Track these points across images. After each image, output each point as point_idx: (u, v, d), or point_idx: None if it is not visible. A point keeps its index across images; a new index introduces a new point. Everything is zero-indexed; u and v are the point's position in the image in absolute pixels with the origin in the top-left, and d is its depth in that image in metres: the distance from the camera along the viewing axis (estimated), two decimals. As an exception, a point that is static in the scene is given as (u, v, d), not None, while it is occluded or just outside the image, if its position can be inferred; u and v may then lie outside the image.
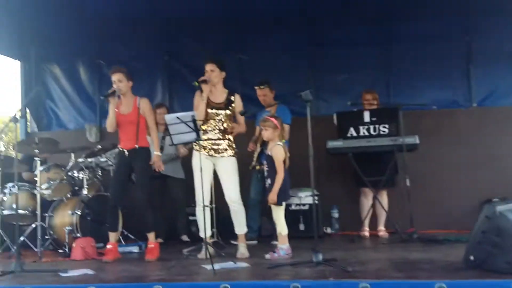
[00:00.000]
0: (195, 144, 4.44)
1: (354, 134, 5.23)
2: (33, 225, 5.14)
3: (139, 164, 4.57)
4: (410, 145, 5.04)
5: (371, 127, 5.19)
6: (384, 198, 5.43)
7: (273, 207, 4.28)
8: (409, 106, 5.36)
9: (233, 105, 4.53)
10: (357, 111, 5.48)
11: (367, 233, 5.45)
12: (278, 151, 4.26)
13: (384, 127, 5.16)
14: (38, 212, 5.08)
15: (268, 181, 4.36)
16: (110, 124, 4.62)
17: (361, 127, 5.20)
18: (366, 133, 5.19)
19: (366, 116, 5.23)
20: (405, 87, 6.35)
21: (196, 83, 4.44)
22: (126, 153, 4.58)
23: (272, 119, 4.42)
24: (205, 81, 4.44)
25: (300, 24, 6.62)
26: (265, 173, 4.46)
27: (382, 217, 5.44)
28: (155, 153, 4.70)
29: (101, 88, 7.11)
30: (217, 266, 3.60)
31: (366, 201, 5.46)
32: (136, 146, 4.57)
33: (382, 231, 5.47)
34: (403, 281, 2.94)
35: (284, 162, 4.29)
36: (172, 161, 5.80)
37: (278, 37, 6.71)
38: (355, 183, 5.55)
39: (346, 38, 6.50)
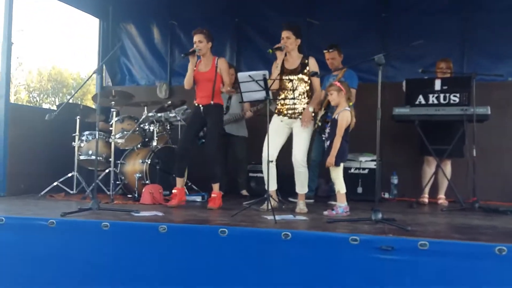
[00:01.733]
0: (275, 107, 4.57)
1: (423, 101, 5.12)
2: (107, 171, 5.53)
3: (212, 119, 4.79)
4: (481, 116, 4.89)
5: (441, 95, 5.07)
6: (448, 167, 5.35)
7: (331, 167, 4.35)
8: (484, 76, 5.19)
9: (307, 68, 4.59)
10: (428, 78, 5.36)
11: (426, 200, 5.42)
12: (344, 116, 4.29)
13: (455, 95, 5.02)
14: (112, 159, 5.46)
15: (327, 143, 4.42)
16: (187, 81, 4.85)
17: (430, 95, 5.09)
18: (436, 101, 5.08)
19: (437, 84, 5.10)
20: (480, 57, 6.14)
21: (271, 51, 4.52)
22: (201, 108, 4.80)
23: (336, 82, 4.44)
24: (279, 48, 4.51)
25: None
26: (326, 135, 4.52)
27: (444, 185, 5.37)
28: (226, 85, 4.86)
29: (173, 47, 7.41)
30: (277, 217, 3.75)
31: (429, 170, 5.41)
32: (212, 102, 4.77)
33: (442, 199, 5.42)
34: (463, 242, 2.95)
35: (348, 126, 4.32)
36: (237, 121, 5.97)
37: (350, 2, 6.63)
38: (419, 151, 5.49)
39: (421, 4, 6.31)
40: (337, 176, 4.32)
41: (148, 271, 3.38)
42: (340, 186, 4.29)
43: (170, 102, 5.86)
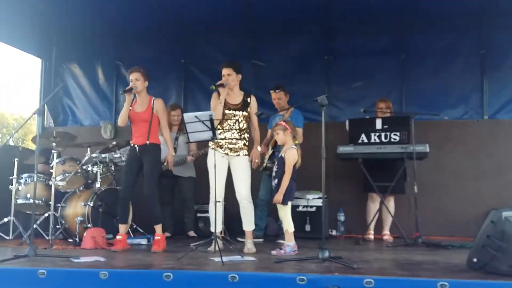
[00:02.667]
0: (211, 143, 4.55)
1: (365, 140, 5.30)
2: (46, 214, 5.26)
3: (149, 159, 4.71)
4: (420, 153, 5.10)
5: (382, 134, 5.27)
6: (391, 203, 5.51)
7: (279, 206, 4.37)
8: (421, 115, 5.47)
9: (250, 106, 4.67)
10: (369, 118, 5.57)
11: (372, 236, 5.51)
12: (291, 154, 4.36)
13: (395, 134, 5.23)
14: (52, 202, 5.21)
15: (275, 181, 4.46)
16: (122, 118, 4.79)
17: (372, 134, 5.28)
18: (377, 140, 5.27)
19: (378, 124, 5.31)
20: (418, 97, 6.47)
21: (214, 87, 4.58)
22: (137, 148, 4.72)
23: (281, 122, 4.54)
24: (222, 85, 4.58)
25: (316, 32, 6.77)
26: (273, 174, 4.55)
27: (388, 221, 5.51)
28: (170, 153, 4.91)
29: (118, 87, 7.31)
30: (225, 258, 3.68)
31: (373, 206, 5.53)
32: (147, 142, 4.72)
33: (387, 235, 5.53)
34: (407, 278, 2.99)
35: (295, 165, 4.37)
36: (183, 163, 5.90)
37: (294, 44, 6.89)
38: (363, 188, 5.63)
39: (362, 47, 6.67)
40: (285, 214, 4.33)
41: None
42: (288, 225, 4.30)
43: (115, 142, 5.72)
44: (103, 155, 5.69)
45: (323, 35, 6.83)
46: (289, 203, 4.37)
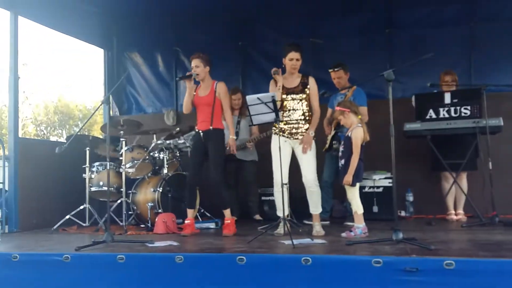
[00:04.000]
0: (274, 127, 4.52)
1: (434, 116, 5.08)
2: (118, 201, 5.49)
3: (213, 145, 4.74)
4: (494, 127, 4.84)
5: (452, 108, 5.02)
6: (464, 181, 5.28)
7: (347, 187, 4.28)
8: (493, 87, 5.14)
9: (308, 87, 4.57)
10: (437, 92, 5.34)
11: (453, 216, 5.33)
12: (357, 133, 4.24)
13: (465, 108, 4.97)
14: (123, 189, 5.42)
15: (342, 162, 4.36)
16: (186, 105, 4.84)
17: (441, 109, 5.05)
18: (447, 115, 5.03)
19: (447, 98, 5.07)
20: (487, 68, 6.13)
21: (273, 75, 4.51)
22: (201, 134, 4.76)
23: (337, 107, 4.44)
24: (276, 72, 4.51)
25: (375, 5, 6.52)
26: (340, 153, 4.46)
27: (462, 200, 5.28)
28: (230, 137, 4.89)
29: (178, 73, 7.42)
30: (295, 241, 3.67)
31: (447, 185, 5.31)
32: (211, 127, 4.73)
33: (461, 214, 5.33)
34: (491, 260, 2.86)
35: (363, 143, 4.26)
36: (245, 148, 5.92)
37: (353, 20, 6.69)
38: (432, 166, 5.42)
39: (425, 18, 6.36)
40: (354, 196, 4.25)
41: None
42: (357, 207, 4.22)
43: (178, 128, 5.84)
44: (167, 142, 5.82)
45: (383, 8, 6.57)
46: (357, 184, 4.28)
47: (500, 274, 2.77)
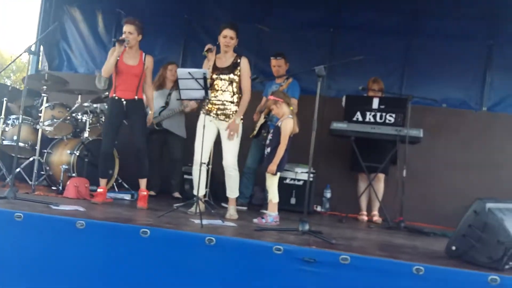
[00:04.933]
0: (202, 106, 4.44)
1: (360, 118, 5.23)
2: (31, 159, 5.21)
3: (139, 114, 4.64)
4: (414, 138, 5.03)
5: (378, 114, 5.19)
6: (381, 185, 5.48)
7: (268, 175, 4.31)
8: (420, 99, 5.36)
9: (238, 68, 4.50)
10: (366, 96, 5.50)
11: (365, 217, 5.52)
12: (287, 124, 4.26)
13: (391, 116, 5.15)
14: (38, 147, 5.14)
15: (268, 150, 4.38)
16: (108, 69, 4.59)
17: (367, 113, 5.21)
18: (372, 120, 5.20)
19: (375, 103, 5.23)
20: (419, 81, 6.36)
21: (205, 53, 4.44)
22: (124, 102, 4.60)
23: (270, 96, 4.44)
24: (209, 50, 4.44)
25: (326, 3, 6.57)
26: (267, 142, 4.48)
27: (377, 202, 5.46)
28: (150, 112, 4.86)
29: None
30: (205, 221, 3.65)
31: (363, 186, 5.49)
32: (136, 97, 4.61)
33: (376, 215, 5.52)
34: (383, 259, 2.97)
35: (291, 134, 4.30)
36: (176, 117, 5.80)
37: (302, 13, 6.70)
38: (352, 167, 5.59)
39: (369, 24, 6.51)
40: (272, 184, 4.29)
41: (61, 268, 3.18)
42: (273, 195, 4.26)
43: (107, 93, 5.61)
44: (94, 105, 5.59)
45: (331, 8, 6.65)
46: (278, 174, 4.32)
47: (391, 274, 2.89)
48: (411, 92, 6.01)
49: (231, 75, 4.47)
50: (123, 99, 4.60)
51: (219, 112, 4.48)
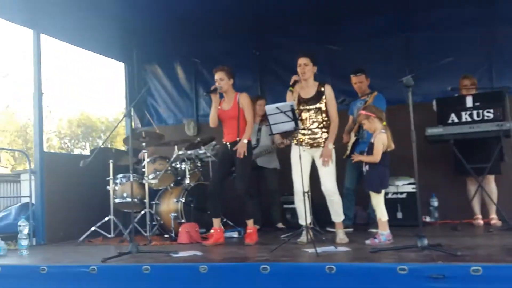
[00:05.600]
0: (294, 137, 4.52)
1: (456, 120, 5.04)
2: (142, 212, 5.55)
3: (241, 157, 4.74)
4: (518, 130, 4.75)
5: (474, 112, 4.97)
6: (492, 185, 5.20)
7: (372, 194, 4.25)
8: (516, 89, 5.08)
9: (324, 96, 4.53)
10: (458, 96, 5.30)
11: (480, 221, 5.26)
12: (379, 139, 4.21)
13: (488, 111, 4.91)
14: (147, 200, 5.49)
15: (366, 167, 4.33)
16: (212, 119, 4.88)
17: (463, 113, 5.00)
18: (469, 119, 4.98)
19: (469, 101, 5.02)
20: (508, 70, 6.01)
21: (292, 88, 4.50)
22: (229, 146, 4.79)
23: (362, 111, 4.39)
24: (295, 82, 4.50)
25: (392, 8, 6.45)
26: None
27: (492, 205, 5.16)
28: (244, 140, 4.82)
29: (197, 85, 7.54)
30: (319, 249, 3.66)
31: (474, 189, 5.23)
32: (238, 138, 4.76)
33: (494, 219, 5.19)
34: (519, 265, 2.81)
35: (387, 149, 4.23)
36: (268, 153, 5.93)
37: (370, 24, 6.65)
38: (457, 171, 5.35)
39: (444, 20, 6.29)
40: (378, 203, 4.22)
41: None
42: (381, 214, 4.19)
43: (199, 139, 5.89)
44: (189, 152, 5.87)
45: (399, 10, 6.48)
46: (383, 191, 4.25)
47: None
48: (503, 82, 5.77)
49: (318, 104, 4.52)
50: (228, 143, 4.81)
51: (310, 141, 4.52)
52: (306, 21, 6.75)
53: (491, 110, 4.91)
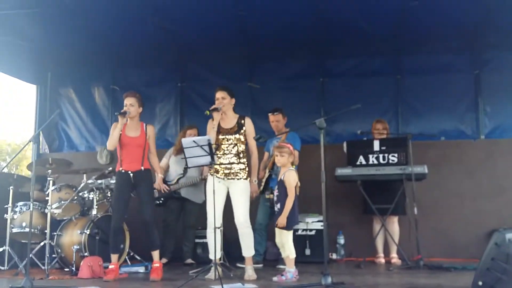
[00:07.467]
0: (209, 168, 4.52)
1: (364, 162, 5.30)
2: (42, 243, 5.17)
3: (145, 184, 4.69)
4: (419, 174, 5.09)
5: (381, 155, 5.27)
6: (395, 225, 5.46)
7: (281, 231, 4.30)
8: (419, 136, 5.48)
9: (244, 128, 4.63)
10: (367, 140, 5.59)
11: (382, 260, 5.47)
12: (291, 176, 4.31)
13: (393, 156, 5.23)
14: (48, 230, 5.12)
15: (278, 205, 4.39)
16: (113, 142, 4.69)
17: (370, 156, 5.28)
18: (375, 162, 5.27)
19: (376, 145, 5.31)
20: (414, 117, 6.53)
21: (208, 112, 4.56)
22: (131, 174, 4.66)
23: (289, 145, 4.49)
24: (216, 109, 4.56)
25: (311, 54, 6.79)
26: (275, 198, 4.49)
27: (393, 245, 5.42)
28: (159, 175, 4.97)
29: (114, 112, 7.26)
30: (226, 286, 3.61)
31: (379, 228, 5.46)
32: (142, 168, 4.68)
33: (395, 258, 5.45)
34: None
35: (296, 187, 4.33)
36: (194, 185, 5.81)
37: (289, 67, 6.93)
38: (363, 210, 5.60)
39: (357, 68, 6.72)
40: (287, 240, 4.27)
41: None
42: (289, 251, 4.24)
43: (111, 168, 5.67)
44: (99, 181, 5.62)
45: (317, 58, 6.86)
46: (292, 229, 4.30)
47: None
48: (408, 129, 6.23)
49: (237, 135, 4.59)
50: (129, 172, 4.66)
51: (226, 171, 4.54)
52: (232, 59, 6.91)
53: (396, 155, 5.24)
